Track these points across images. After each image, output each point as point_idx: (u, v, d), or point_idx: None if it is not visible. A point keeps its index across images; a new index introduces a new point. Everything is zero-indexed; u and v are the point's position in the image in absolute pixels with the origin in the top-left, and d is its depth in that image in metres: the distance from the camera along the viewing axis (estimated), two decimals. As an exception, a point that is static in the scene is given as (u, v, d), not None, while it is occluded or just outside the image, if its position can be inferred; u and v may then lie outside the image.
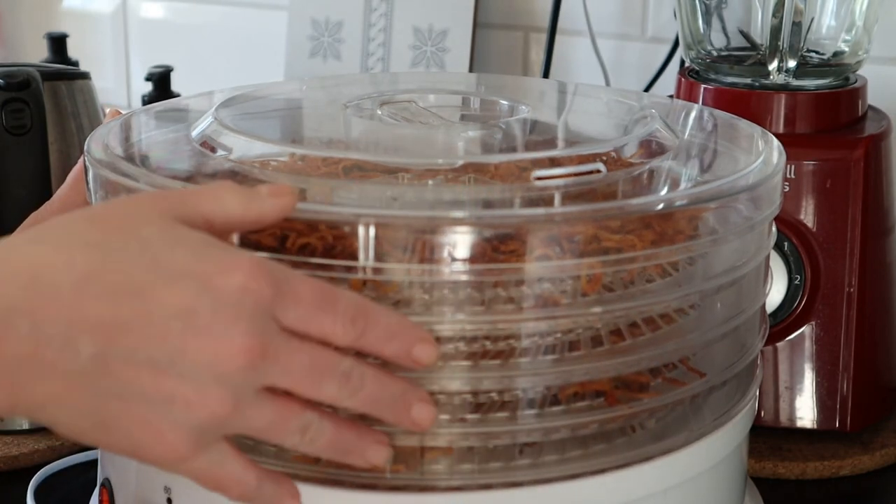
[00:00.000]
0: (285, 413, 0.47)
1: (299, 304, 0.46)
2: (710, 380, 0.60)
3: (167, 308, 0.44)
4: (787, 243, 0.83)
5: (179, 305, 0.44)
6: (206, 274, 0.45)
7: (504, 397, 0.56)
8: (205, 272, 0.45)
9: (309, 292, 0.47)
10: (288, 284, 0.46)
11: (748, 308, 0.62)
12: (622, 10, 1.20)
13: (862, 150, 0.82)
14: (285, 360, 0.46)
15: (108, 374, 0.44)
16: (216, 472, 0.47)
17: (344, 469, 0.55)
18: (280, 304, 0.46)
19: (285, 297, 0.46)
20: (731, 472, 0.63)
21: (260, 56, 1.40)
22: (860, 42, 0.89)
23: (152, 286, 0.44)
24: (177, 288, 0.44)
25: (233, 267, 0.45)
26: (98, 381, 0.44)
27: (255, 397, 0.46)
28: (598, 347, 0.56)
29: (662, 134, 0.66)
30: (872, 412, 0.85)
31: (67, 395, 0.44)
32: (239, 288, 0.45)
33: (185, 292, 0.44)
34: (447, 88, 0.77)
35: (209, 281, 0.45)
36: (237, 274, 0.45)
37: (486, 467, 0.55)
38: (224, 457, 0.47)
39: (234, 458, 0.48)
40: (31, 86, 0.87)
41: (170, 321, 0.44)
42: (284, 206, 0.49)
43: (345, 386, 0.47)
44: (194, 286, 0.45)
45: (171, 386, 0.45)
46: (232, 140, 0.62)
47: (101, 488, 0.64)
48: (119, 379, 0.44)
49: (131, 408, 0.45)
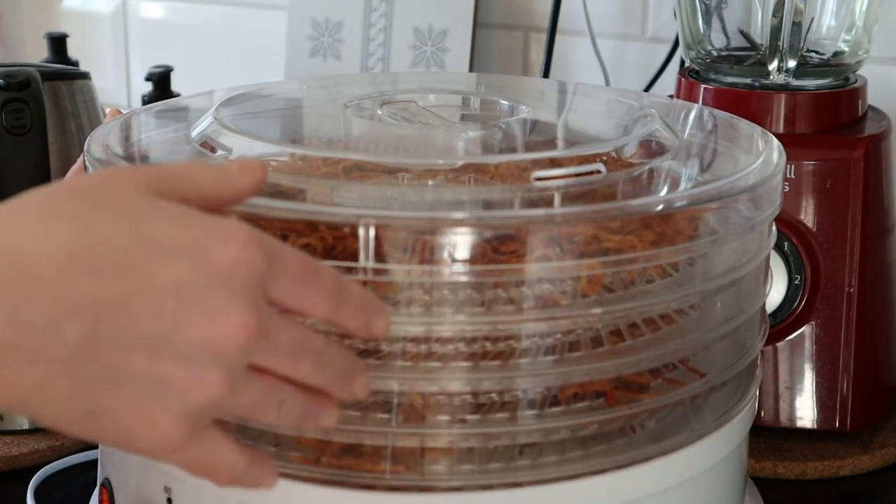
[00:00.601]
0: (270, 390, 0.45)
1: (287, 277, 0.45)
2: (710, 380, 0.60)
3: (158, 283, 0.41)
4: (787, 243, 0.82)
5: (171, 280, 0.42)
6: (198, 246, 0.42)
7: (504, 398, 0.56)
8: (196, 244, 0.42)
9: (296, 264, 0.45)
10: (279, 255, 0.44)
11: (748, 308, 0.62)
12: (622, 10, 1.20)
13: (862, 150, 0.82)
14: (275, 337, 0.44)
15: (96, 359, 0.41)
16: (208, 458, 0.45)
17: (344, 470, 0.55)
18: (270, 277, 0.44)
19: (276, 269, 0.44)
20: (731, 473, 0.63)
21: (260, 56, 1.40)
22: (860, 42, 0.89)
23: (141, 261, 0.42)
24: (168, 262, 0.42)
25: (226, 238, 0.43)
26: (86, 366, 0.41)
27: (245, 376, 0.44)
28: (598, 348, 0.56)
29: (662, 134, 0.66)
30: (872, 412, 0.85)
31: (53, 384, 0.41)
32: (233, 260, 0.43)
33: (177, 266, 0.42)
34: (447, 88, 0.77)
35: (202, 253, 0.42)
36: (231, 246, 0.43)
37: (486, 468, 0.55)
38: (216, 443, 0.45)
39: (224, 444, 0.46)
40: (31, 86, 0.87)
41: (162, 297, 0.41)
42: (255, 182, 0.48)
43: (316, 363, 0.46)
44: (186, 259, 0.42)
45: (166, 368, 0.42)
46: (232, 140, 0.62)
47: (101, 488, 0.64)
48: (109, 363, 0.41)
49: (122, 394, 0.42)
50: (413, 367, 0.55)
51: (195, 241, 0.43)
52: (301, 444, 0.56)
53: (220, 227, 0.44)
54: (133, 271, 0.41)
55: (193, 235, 0.43)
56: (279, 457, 0.56)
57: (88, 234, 0.41)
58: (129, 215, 0.43)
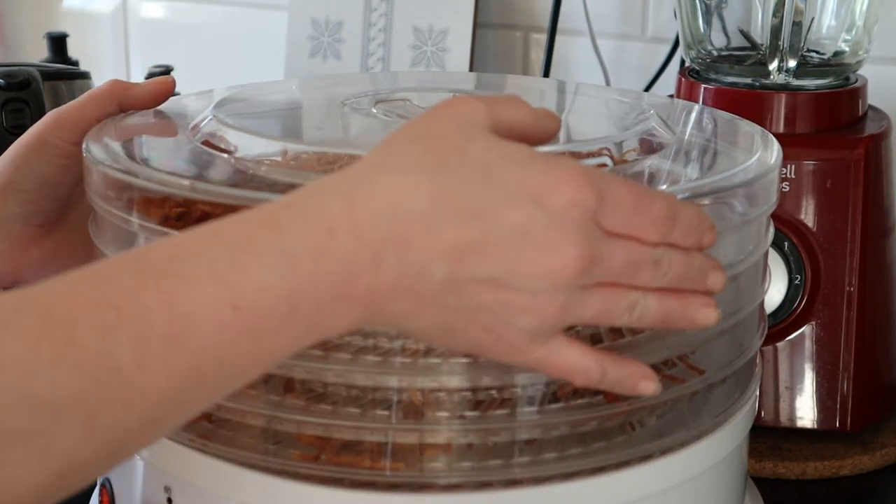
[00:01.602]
0: (612, 299, 0.49)
1: (618, 210, 0.49)
2: (709, 377, 0.60)
3: (506, 227, 0.47)
4: (787, 243, 0.83)
5: (516, 224, 0.47)
6: (538, 190, 0.47)
7: (503, 394, 0.56)
8: (536, 188, 0.47)
9: (627, 197, 0.49)
10: (609, 191, 0.48)
11: (747, 305, 0.62)
12: (622, 10, 1.20)
13: (862, 150, 0.82)
14: (608, 260, 0.48)
15: (455, 293, 0.47)
16: (555, 360, 0.50)
17: (344, 466, 0.55)
18: (602, 211, 0.48)
19: (606, 204, 0.48)
20: (731, 472, 0.63)
21: (260, 56, 1.40)
22: (860, 42, 0.89)
23: (492, 207, 0.47)
24: (513, 207, 0.47)
25: (562, 183, 0.47)
26: (446, 298, 0.47)
27: (582, 294, 0.49)
28: (597, 344, 0.56)
29: (660, 132, 0.66)
30: (872, 412, 0.85)
31: (419, 312, 0.47)
32: (568, 202, 0.47)
33: (521, 211, 0.47)
34: (447, 87, 0.77)
35: (541, 197, 0.47)
36: (566, 190, 0.47)
37: (485, 465, 0.55)
38: (560, 347, 0.50)
39: (570, 348, 0.50)
40: (31, 86, 0.87)
41: (508, 239, 0.47)
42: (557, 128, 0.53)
43: (656, 272, 0.50)
44: (529, 204, 0.47)
45: (510, 297, 0.47)
46: (233, 137, 0.62)
47: (101, 488, 0.64)
48: (464, 296, 0.47)
49: (474, 318, 0.48)
50: (412, 363, 0.55)
51: (535, 185, 0.47)
52: (301, 442, 0.56)
53: (556, 169, 0.48)
54: (485, 217, 0.47)
55: (533, 178, 0.47)
56: (278, 454, 0.56)
57: (447, 185, 0.47)
58: (477, 159, 0.48)
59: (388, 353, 0.55)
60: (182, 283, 0.43)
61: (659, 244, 0.50)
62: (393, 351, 0.55)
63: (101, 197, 0.60)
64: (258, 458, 0.56)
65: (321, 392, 0.57)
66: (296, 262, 0.44)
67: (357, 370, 0.55)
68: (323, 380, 0.56)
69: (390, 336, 0.55)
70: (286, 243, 0.45)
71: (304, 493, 0.55)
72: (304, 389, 0.57)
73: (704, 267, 0.52)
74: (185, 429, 0.57)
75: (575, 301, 0.48)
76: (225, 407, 0.57)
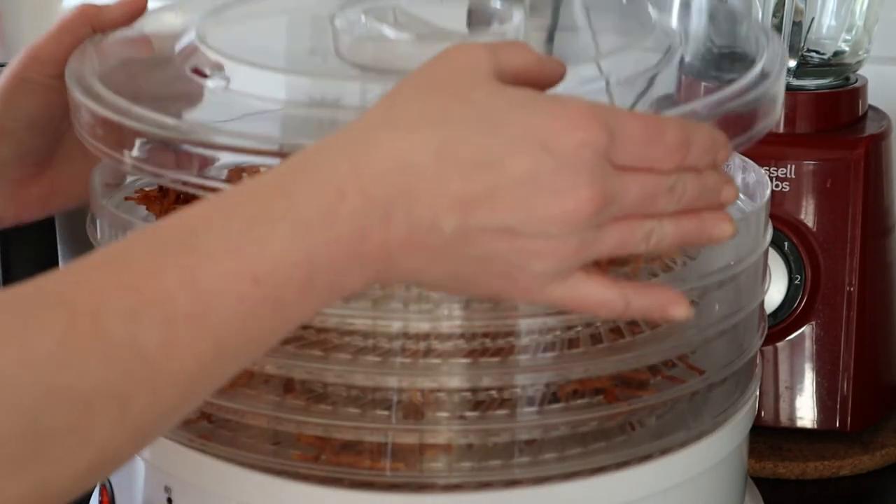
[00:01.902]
0: (628, 231, 0.48)
1: (630, 145, 0.47)
2: (709, 377, 0.60)
3: (514, 176, 0.46)
4: (788, 243, 0.83)
5: (524, 171, 0.46)
6: (546, 134, 0.46)
7: (503, 395, 0.56)
8: (543, 132, 0.46)
9: (638, 130, 0.48)
10: (619, 127, 0.47)
11: (746, 305, 0.62)
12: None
13: (862, 150, 0.82)
14: (622, 196, 0.47)
15: (466, 245, 0.46)
16: (574, 295, 0.49)
17: (343, 467, 0.55)
18: (613, 149, 0.47)
19: (617, 140, 0.47)
20: (731, 472, 0.63)
21: None
22: (860, 42, 0.89)
23: (498, 156, 0.46)
24: (520, 154, 0.46)
25: (570, 124, 0.46)
26: (458, 250, 0.47)
27: (598, 232, 0.48)
28: (597, 345, 0.56)
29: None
30: (872, 412, 0.85)
31: (432, 266, 0.47)
32: (578, 143, 0.46)
33: (528, 157, 0.46)
34: None
35: (549, 141, 0.46)
36: (575, 131, 0.46)
37: (485, 465, 0.55)
38: (579, 283, 0.48)
39: (589, 282, 0.49)
40: (31, 85, 0.86)
41: (517, 188, 0.46)
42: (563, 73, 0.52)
43: (671, 198, 0.49)
44: (536, 149, 0.46)
45: (524, 244, 0.47)
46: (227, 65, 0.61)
47: (101, 488, 0.64)
48: (477, 246, 0.47)
49: (488, 267, 0.47)
50: (413, 363, 0.55)
51: (542, 129, 0.46)
52: (301, 442, 0.56)
53: (563, 110, 0.47)
54: (492, 167, 0.46)
55: (539, 121, 0.46)
56: (278, 454, 0.56)
57: (452, 137, 0.46)
58: (481, 108, 0.47)
59: (388, 353, 0.55)
60: (200, 260, 0.44)
61: (673, 171, 0.49)
62: (393, 351, 0.55)
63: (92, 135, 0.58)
64: (258, 459, 0.56)
65: (321, 392, 0.57)
66: (309, 229, 0.45)
67: (357, 370, 0.55)
68: (323, 380, 0.56)
69: (390, 336, 0.55)
70: (298, 211, 0.45)
71: (304, 493, 0.55)
72: (305, 390, 0.57)
73: (717, 183, 0.51)
74: (185, 429, 0.58)
75: (590, 240, 0.47)
76: (225, 407, 0.57)
